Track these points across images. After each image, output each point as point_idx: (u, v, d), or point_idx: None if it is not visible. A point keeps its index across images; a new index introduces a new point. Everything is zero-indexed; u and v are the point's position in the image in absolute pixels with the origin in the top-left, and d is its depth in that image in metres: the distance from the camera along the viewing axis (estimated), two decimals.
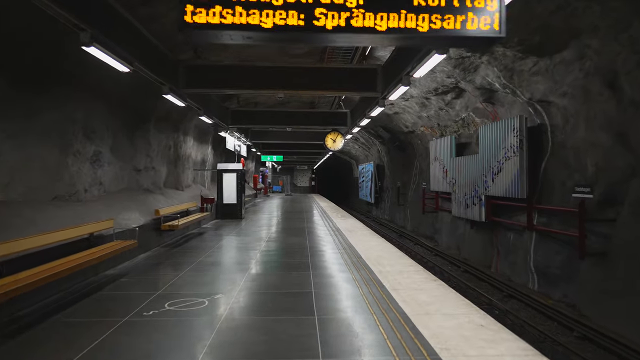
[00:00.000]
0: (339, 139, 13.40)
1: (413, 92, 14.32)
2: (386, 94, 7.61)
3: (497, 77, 9.95)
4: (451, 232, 15.25)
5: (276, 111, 13.13)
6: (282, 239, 10.47)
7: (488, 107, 12.03)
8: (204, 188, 16.21)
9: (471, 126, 13.65)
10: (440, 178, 15.46)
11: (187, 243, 9.72)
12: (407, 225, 22.41)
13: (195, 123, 13.98)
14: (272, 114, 13.17)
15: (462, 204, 13.37)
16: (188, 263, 7.38)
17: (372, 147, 30.41)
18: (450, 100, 13.50)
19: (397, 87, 6.72)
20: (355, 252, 8.34)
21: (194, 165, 15.10)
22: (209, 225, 13.36)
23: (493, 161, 11.16)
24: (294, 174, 52.56)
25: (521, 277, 10.61)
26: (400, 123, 19.26)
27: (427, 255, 15.08)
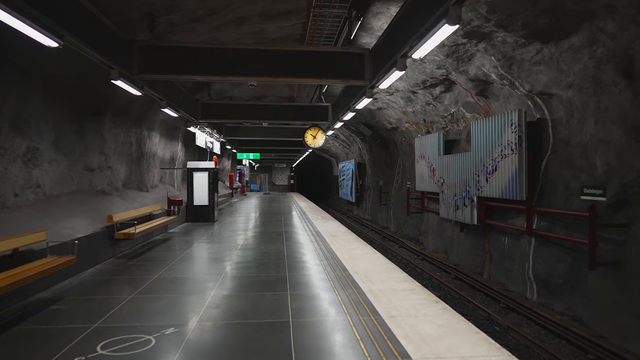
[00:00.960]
0: (319, 135, 12.35)
1: (399, 86, 13.38)
2: (375, 82, 6.58)
3: (494, 67, 9.05)
4: (438, 234, 14.39)
5: (251, 105, 12.00)
6: (257, 246, 9.36)
7: (480, 101, 11.16)
8: (172, 189, 14.94)
9: (461, 122, 12.78)
10: (427, 177, 14.58)
11: (148, 252, 8.52)
12: (390, 226, 21.54)
13: (162, 117, 12.72)
14: (246, 107, 12.03)
15: (451, 205, 12.50)
16: (142, 280, 6.21)
17: (352, 145, 29.49)
18: (438, 94, 12.60)
19: (390, 72, 5.70)
20: (339, 262, 7.31)
21: (161, 163, 13.83)
22: (177, 229, 12.14)
23: (487, 159, 10.29)
24: (273, 172, 51.31)
25: (518, 286, 9.77)
26: (383, 119, 18.33)
27: (414, 259, 14.19)
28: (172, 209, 11.72)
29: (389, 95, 14.98)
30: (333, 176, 44.34)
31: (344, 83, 7.11)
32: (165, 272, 6.76)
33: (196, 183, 13.91)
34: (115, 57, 6.11)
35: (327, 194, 50.88)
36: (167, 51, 6.69)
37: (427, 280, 11.42)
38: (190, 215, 13.92)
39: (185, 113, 10.57)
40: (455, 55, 9.43)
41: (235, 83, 13.46)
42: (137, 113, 10.64)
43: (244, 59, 6.64)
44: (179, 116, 10.54)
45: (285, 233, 11.33)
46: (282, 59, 6.69)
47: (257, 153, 26.02)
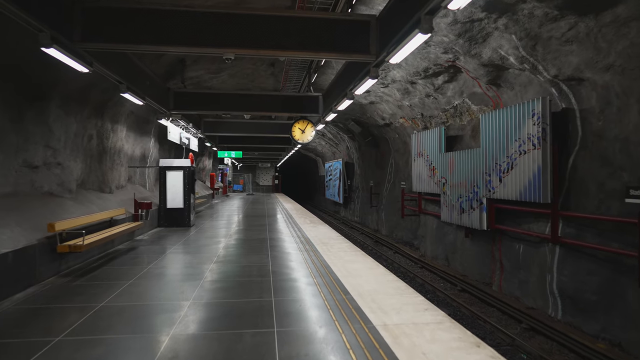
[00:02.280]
0: (308, 129, 10.95)
1: (396, 75, 12.08)
2: (384, 56, 5.21)
3: (514, 49, 7.78)
4: (438, 239, 13.13)
5: (232, 94, 10.53)
6: (237, 257, 7.93)
7: (489, 92, 9.92)
8: (143, 190, 13.37)
9: (465, 116, 11.53)
10: (426, 177, 13.30)
11: (103, 267, 7.02)
12: (382, 229, 20.26)
13: (130, 108, 11.17)
14: (227, 97, 10.55)
15: (454, 208, 11.23)
16: (82, 311, 4.74)
17: (340, 144, 28.18)
18: (441, 85, 11.33)
19: (409, 38, 4.33)
20: (337, 281, 5.93)
21: (130, 161, 12.26)
22: (145, 236, 10.61)
23: (501, 156, 9.03)
24: (256, 172, 49.67)
25: (536, 301, 8.54)
26: (375, 114, 17.03)
27: (412, 267, 12.90)
28: (139, 213, 10.19)
29: (384, 87, 13.68)
30: (319, 176, 42.98)
31: (343, 58, 5.72)
32: (117, 297, 5.29)
33: (169, 183, 12.38)
34: (48, 16, 4.63)
35: (312, 195, 49.49)
36: (119, 13, 5.21)
37: (431, 294, 10.12)
38: (162, 220, 12.39)
39: (154, 102, 9.07)
40: (468, 34, 8.14)
41: (213, 70, 11.98)
42: (98, 101, 9.10)
43: (218, 24, 5.21)
44: (146, 105, 9.04)
45: (270, 240, 9.91)
46: (267, 26, 5.27)
47: (240, 151, 24.48)
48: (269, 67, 13.70)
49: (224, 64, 11.28)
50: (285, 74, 12.76)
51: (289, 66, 10.94)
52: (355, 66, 6.96)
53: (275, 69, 13.94)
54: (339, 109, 8.62)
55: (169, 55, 9.59)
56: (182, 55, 9.73)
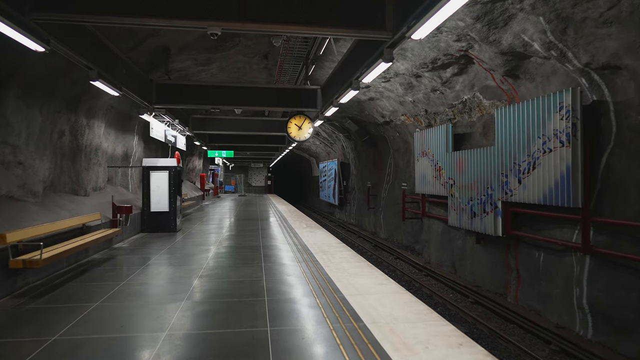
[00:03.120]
0: (306, 126, 9.98)
1: (400, 68, 11.17)
2: (405, 32, 4.27)
3: (541, 33, 6.89)
4: (444, 245, 12.23)
5: (222, 86, 9.53)
6: (226, 270, 6.95)
7: (504, 85, 9.04)
8: (126, 192, 12.33)
9: (475, 111, 10.65)
10: (430, 178, 12.40)
11: (68, 284, 6.01)
12: (380, 232, 19.36)
13: (110, 102, 10.15)
14: (216, 90, 9.55)
15: (464, 212, 10.34)
16: (26, 350, 3.75)
17: (335, 143, 27.26)
18: (449, 78, 10.44)
19: None
20: (344, 302, 4.99)
21: (110, 161, 11.23)
22: (125, 244, 9.59)
23: (520, 155, 8.14)
24: (249, 173, 48.61)
25: (561, 316, 7.66)
26: (374, 112, 16.13)
27: (417, 275, 11.98)
28: (118, 219, 9.18)
29: (385, 81, 12.77)
30: (313, 177, 42.03)
31: (353, 35, 4.78)
32: (76, 326, 4.30)
33: (154, 185, 11.36)
34: None
35: (306, 196, 48.51)
36: None
37: (441, 306, 9.21)
38: (146, 224, 11.36)
39: (133, 94, 8.06)
40: (488, 17, 7.24)
41: (201, 62, 10.97)
42: (70, 93, 8.09)
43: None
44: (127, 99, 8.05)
45: (264, 248, 8.94)
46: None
47: (231, 151, 23.45)
48: (262, 60, 12.74)
49: (213, 53, 10.29)
50: (280, 67, 11.80)
51: (285, 55, 9.98)
52: (363, 49, 6.01)
53: (268, 62, 12.98)
54: (341, 101, 7.67)
55: (150, 43, 8.60)
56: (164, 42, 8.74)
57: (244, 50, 10.96)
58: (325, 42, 8.73)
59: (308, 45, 9.46)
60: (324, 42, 8.71)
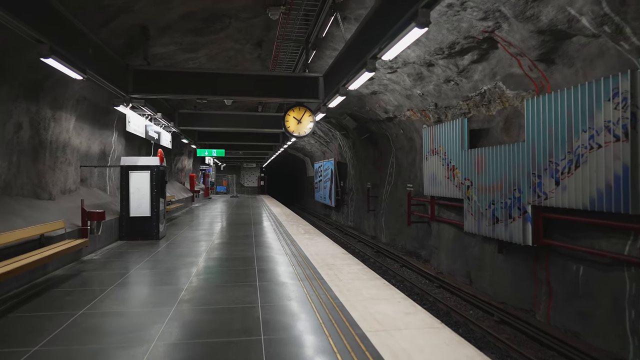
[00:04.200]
0: (306, 119, 8.73)
1: (410, 55, 9.99)
2: None
3: (595, 3, 5.72)
4: (457, 253, 11.07)
5: (209, 74, 8.28)
6: (213, 292, 5.72)
7: (533, 72, 7.90)
8: (103, 194, 11.03)
9: (494, 104, 9.50)
10: (442, 178, 11.24)
11: (7, 316, 4.74)
12: (381, 237, 18.19)
13: (82, 93, 8.87)
14: (203, 78, 8.30)
15: (484, 217, 9.18)
16: None
17: (332, 142, 26.07)
18: (467, 66, 9.28)
19: None
20: (366, 342, 3.83)
21: (83, 159, 9.93)
22: (97, 255, 8.30)
23: (559, 152, 6.99)
24: (241, 173, 47.25)
25: (608, 341, 6.51)
26: (377, 107, 14.95)
27: (427, 286, 10.81)
28: (89, 226, 7.89)
29: (391, 72, 11.60)
30: (307, 177, 40.82)
31: None
32: None
33: (133, 186, 10.07)
34: None
35: (300, 197, 47.25)
36: None
37: (462, 327, 8.03)
38: (124, 231, 10.07)
39: (103, 79, 6.79)
40: None
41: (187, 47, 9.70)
42: (29, 78, 6.81)
43: None
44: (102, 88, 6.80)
45: (259, 260, 7.71)
46: None
47: (222, 149, 22.13)
48: (255, 49, 11.50)
49: (199, 36, 9.03)
50: (275, 55, 10.56)
51: (282, 37, 8.73)
52: (385, 16, 4.79)
53: (262, 52, 11.74)
54: (350, 88, 6.45)
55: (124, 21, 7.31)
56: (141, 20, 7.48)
57: (235, 34, 9.72)
58: (329, 21, 7.51)
59: (309, 26, 8.24)
60: (328, 21, 7.49)
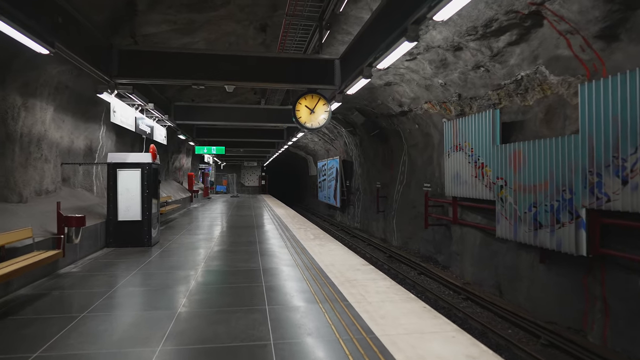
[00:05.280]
0: (320, 108, 7.52)
1: (435, 38, 8.82)
2: None
3: None
4: (484, 260, 9.91)
5: (208, 55, 7.11)
6: (210, 322, 4.58)
7: (586, 53, 6.73)
8: (90, 195, 9.85)
9: (532, 93, 8.33)
10: (468, 177, 10.07)
11: None
12: (392, 240, 17.01)
13: (63, 79, 7.69)
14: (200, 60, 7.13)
15: (523, 221, 8.01)
16: None
17: (337, 139, 24.89)
18: (502, 48, 8.12)
19: None
20: None
21: (65, 156, 8.76)
22: (77, 267, 7.13)
23: (625, 146, 5.82)
24: (242, 172, 46.06)
25: None
26: (390, 100, 13.77)
27: (451, 297, 9.64)
28: (66, 234, 6.71)
29: (410, 59, 10.42)
30: (309, 176, 39.63)
31: None
32: None
33: (122, 186, 8.90)
34: None
35: (302, 196, 46.04)
36: None
37: (505, 351, 6.85)
38: (112, 237, 8.90)
39: (79, 57, 5.62)
40: None
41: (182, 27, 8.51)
42: None
43: None
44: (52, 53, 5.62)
45: (265, 274, 6.54)
46: None
47: (222, 147, 20.92)
48: (259, 33, 10.34)
49: (196, 13, 7.84)
50: (283, 39, 9.36)
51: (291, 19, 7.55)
52: None
53: (267, 37, 10.57)
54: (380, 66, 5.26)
55: None
56: None
57: (237, 13, 8.55)
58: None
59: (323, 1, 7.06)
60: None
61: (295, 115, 7.37)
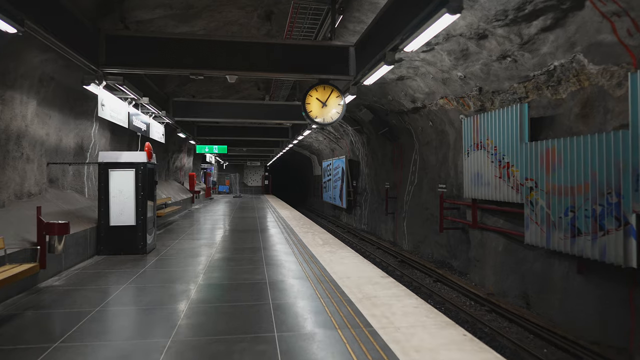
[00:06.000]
0: (333, 101, 6.72)
1: (458, 25, 8.02)
2: None
3: None
4: (509, 268, 9.10)
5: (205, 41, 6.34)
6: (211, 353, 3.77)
7: (634, 38, 5.93)
8: (80, 197, 9.09)
9: (566, 84, 7.51)
10: (491, 178, 9.27)
11: None
12: (403, 243, 16.21)
13: (47, 69, 6.94)
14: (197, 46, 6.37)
15: (558, 227, 7.21)
16: None
17: (342, 138, 24.11)
18: (534, 35, 7.31)
19: None
20: None
21: (52, 155, 8.00)
22: (60, 280, 6.37)
23: None
24: (244, 172, 45.32)
25: None
26: (402, 95, 12.97)
27: (472, 308, 8.85)
28: (48, 242, 5.95)
29: (426, 50, 9.63)
30: (314, 176, 38.85)
31: None
32: None
33: (114, 188, 8.15)
34: None
35: (305, 197, 45.28)
36: None
37: None
38: (103, 244, 8.14)
39: (58, 41, 4.85)
40: None
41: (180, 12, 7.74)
42: None
43: None
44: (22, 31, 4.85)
45: (272, 289, 5.77)
46: None
47: (224, 146, 20.14)
48: (264, 23, 9.60)
49: None
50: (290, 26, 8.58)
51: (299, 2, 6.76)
52: None
53: (272, 27, 9.82)
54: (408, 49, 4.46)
55: None
56: None
57: None
58: None
59: None
60: None
61: (305, 109, 6.57)
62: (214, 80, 14.06)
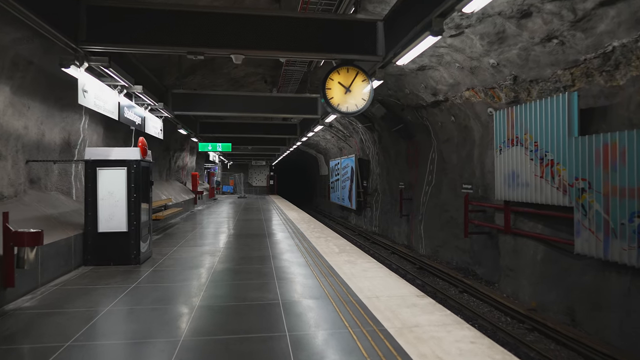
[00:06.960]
0: (358, 86, 5.65)
1: (495, 2, 6.95)
2: None
3: None
4: (551, 280, 8.02)
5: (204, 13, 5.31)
6: None
7: None
8: (66, 199, 8.09)
9: (625, 69, 6.44)
10: (530, 177, 8.20)
11: None
12: (419, 247, 15.15)
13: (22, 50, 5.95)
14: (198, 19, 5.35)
15: (618, 235, 6.13)
16: None
17: (351, 136, 23.05)
18: (591, 10, 6.25)
19: None
20: None
21: (33, 151, 7.00)
22: (32, 301, 5.36)
23: None
24: (249, 172, 44.34)
25: None
26: (422, 88, 11.90)
27: (509, 325, 7.77)
28: (17, 254, 4.94)
29: (454, 35, 8.61)
30: (320, 176, 37.80)
31: None
32: None
33: (103, 189, 7.14)
34: None
35: (311, 197, 44.25)
36: None
37: None
38: (90, 253, 7.13)
39: (22, 6, 3.83)
40: None
41: None
42: None
43: None
44: None
45: (287, 313, 4.74)
46: None
47: (228, 143, 19.12)
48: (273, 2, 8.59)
49: None
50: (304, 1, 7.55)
51: None
52: None
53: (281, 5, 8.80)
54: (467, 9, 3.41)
55: None
56: None
57: None
58: None
59: None
60: None
61: (326, 95, 5.52)
62: (218, 72, 13.05)
